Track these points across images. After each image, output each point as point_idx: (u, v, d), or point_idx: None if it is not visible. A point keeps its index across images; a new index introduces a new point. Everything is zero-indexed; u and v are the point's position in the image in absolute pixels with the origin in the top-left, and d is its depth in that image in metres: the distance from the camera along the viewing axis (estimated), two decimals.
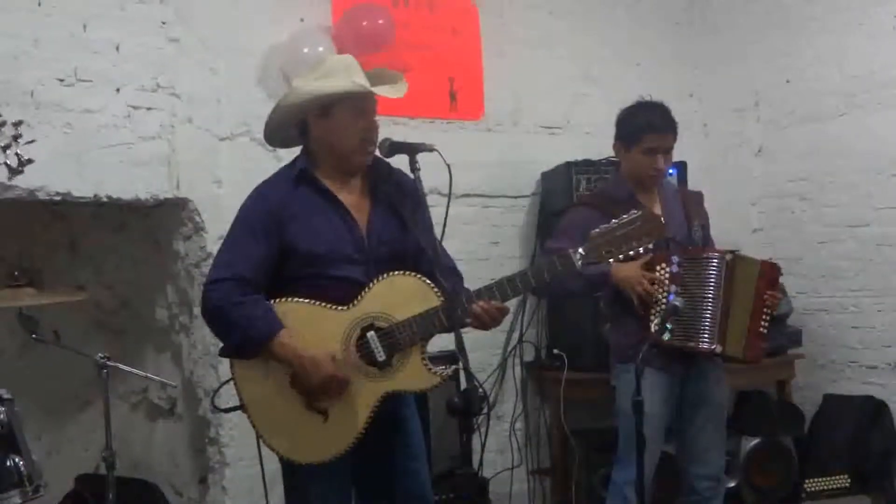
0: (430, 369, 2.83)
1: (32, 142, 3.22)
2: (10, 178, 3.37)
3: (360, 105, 2.90)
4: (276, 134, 3.04)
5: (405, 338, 2.80)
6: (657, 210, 3.71)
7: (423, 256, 2.88)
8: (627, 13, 5.67)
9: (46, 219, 4.59)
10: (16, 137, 3.15)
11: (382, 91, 2.93)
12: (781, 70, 5.48)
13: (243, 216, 2.94)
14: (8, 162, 3.11)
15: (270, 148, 4.26)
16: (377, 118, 2.97)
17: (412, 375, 2.83)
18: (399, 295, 2.82)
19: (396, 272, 2.85)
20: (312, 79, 2.93)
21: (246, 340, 2.82)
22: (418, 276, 2.84)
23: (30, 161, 3.21)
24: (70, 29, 3.95)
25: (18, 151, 3.17)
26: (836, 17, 5.20)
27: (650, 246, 2.93)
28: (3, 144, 3.08)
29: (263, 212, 2.89)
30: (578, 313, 4.80)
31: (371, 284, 2.84)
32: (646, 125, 3.73)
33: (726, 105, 5.76)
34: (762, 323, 3.68)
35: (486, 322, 2.84)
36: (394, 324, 2.81)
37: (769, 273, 3.73)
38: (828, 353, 5.28)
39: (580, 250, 2.87)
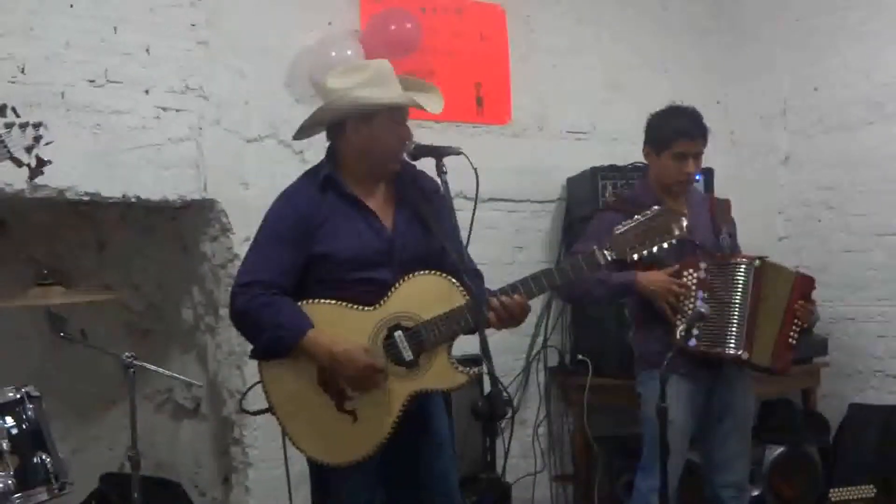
0: (457, 368, 2.84)
1: (50, 143, 3.23)
2: (30, 181, 3.40)
3: (400, 115, 2.93)
4: (306, 131, 3.05)
5: (432, 337, 2.82)
6: None
7: (447, 258, 2.88)
8: (655, 20, 5.66)
9: (75, 219, 4.62)
10: (37, 138, 3.15)
11: (425, 105, 2.94)
12: (809, 78, 5.45)
13: (270, 222, 2.95)
14: (30, 163, 3.13)
15: (297, 150, 4.37)
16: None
17: (439, 374, 2.85)
18: (425, 294, 2.84)
19: (422, 272, 2.86)
20: (354, 83, 2.91)
21: (276, 340, 2.83)
22: (444, 275, 2.85)
23: (48, 162, 3.21)
24: (101, 31, 3.99)
25: (38, 153, 3.17)
26: (865, 24, 5.17)
27: (674, 242, 2.93)
28: (25, 145, 3.08)
29: (291, 218, 2.91)
30: (603, 319, 4.79)
31: (397, 284, 2.85)
32: (677, 130, 3.71)
33: (753, 113, 5.73)
34: (791, 333, 3.65)
35: (504, 317, 2.83)
36: (420, 323, 2.83)
37: (803, 286, 3.69)
38: (854, 362, 5.24)
39: (606, 250, 2.90)
